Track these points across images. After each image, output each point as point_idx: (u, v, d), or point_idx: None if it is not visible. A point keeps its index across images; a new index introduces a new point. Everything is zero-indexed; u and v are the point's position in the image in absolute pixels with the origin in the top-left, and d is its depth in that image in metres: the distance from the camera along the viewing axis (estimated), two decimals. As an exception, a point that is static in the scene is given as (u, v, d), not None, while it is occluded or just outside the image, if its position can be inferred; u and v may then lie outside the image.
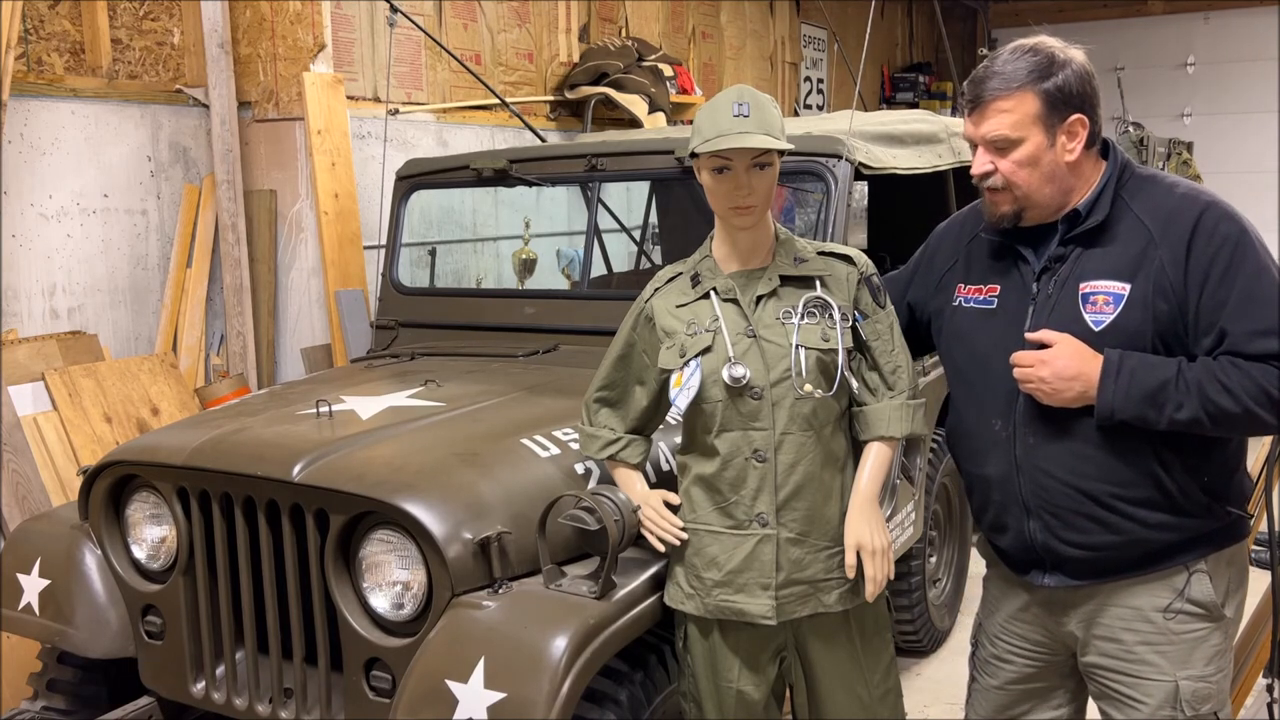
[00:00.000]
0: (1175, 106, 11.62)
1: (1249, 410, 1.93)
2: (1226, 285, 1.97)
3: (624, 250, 5.15)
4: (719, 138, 2.08)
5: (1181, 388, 1.95)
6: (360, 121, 4.74)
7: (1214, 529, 2.09)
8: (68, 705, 2.85)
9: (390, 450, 2.44)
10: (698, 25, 7.62)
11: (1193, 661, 2.10)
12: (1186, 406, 1.94)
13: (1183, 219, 2.02)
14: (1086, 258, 2.08)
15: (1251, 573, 3.04)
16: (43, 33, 4.06)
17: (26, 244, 3.93)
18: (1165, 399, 1.95)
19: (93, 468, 2.70)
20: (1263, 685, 2.86)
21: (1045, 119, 2.04)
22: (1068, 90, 2.04)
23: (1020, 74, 2.04)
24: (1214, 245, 1.98)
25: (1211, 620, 2.11)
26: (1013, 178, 2.06)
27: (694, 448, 2.26)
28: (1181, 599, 2.09)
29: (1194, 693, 2.10)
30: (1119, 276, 2.04)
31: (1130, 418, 1.98)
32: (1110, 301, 2.03)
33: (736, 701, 2.25)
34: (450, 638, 2.12)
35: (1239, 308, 1.96)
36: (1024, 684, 2.31)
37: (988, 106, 2.06)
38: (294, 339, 4.62)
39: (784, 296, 2.20)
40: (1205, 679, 2.10)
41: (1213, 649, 2.11)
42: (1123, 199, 2.09)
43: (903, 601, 3.88)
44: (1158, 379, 1.96)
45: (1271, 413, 1.93)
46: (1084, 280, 2.06)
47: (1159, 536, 2.06)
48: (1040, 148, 2.05)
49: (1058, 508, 2.10)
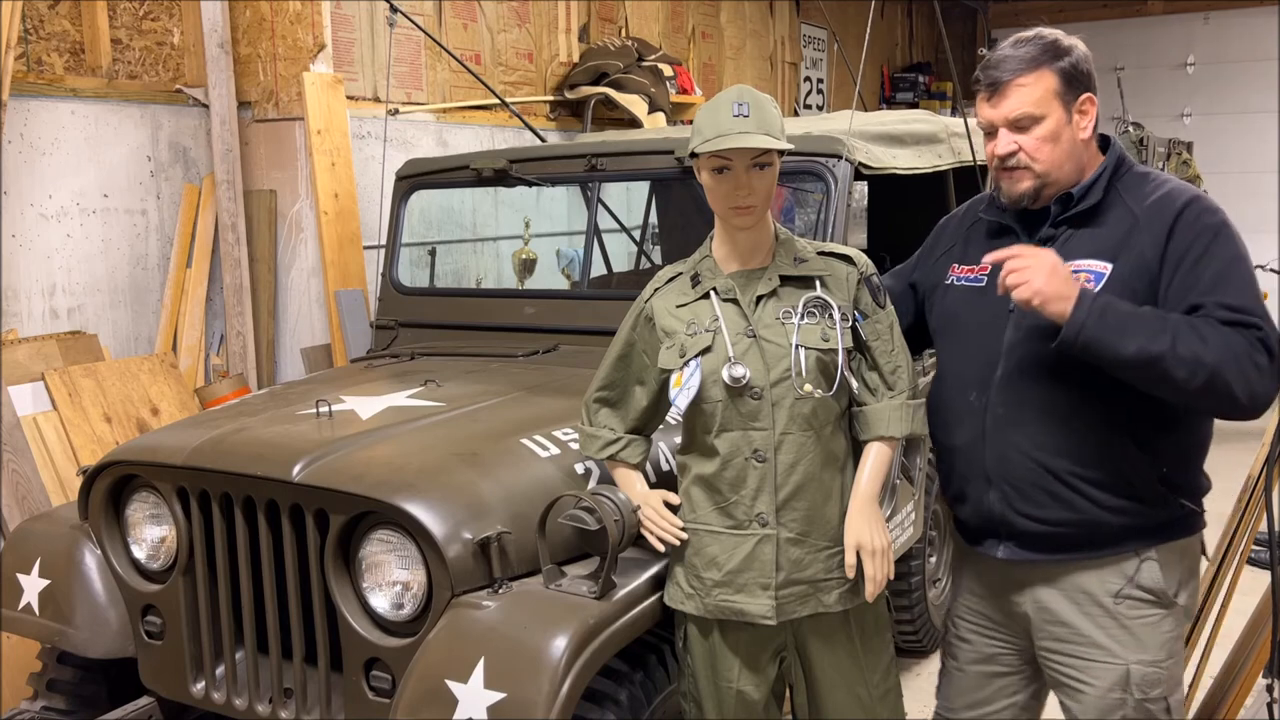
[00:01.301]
0: (1175, 106, 11.62)
1: (1219, 364, 1.91)
2: (1201, 267, 2.01)
3: (624, 250, 5.15)
4: (719, 138, 2.08)
5: (1156, 324, 1.95)
6: (360, 121, 4.74)
7: (1167, 519, 2.13)
8: (68, 705, 2.85)
9: (390, 450, 2.44)
10: (698, 25, 7.62)
11: (1145, 646, 2.14)
12: (1159, 341, 1.92)
13: (1168, 208, 2.08)
14: (1076, 239, 2.14)
15: (1251, 572, 3.04)
16: (43, 33, 4.06)
17: (26, 244, 3.93)
18: (1137, 328, 1.94)
19: (93, 468, 2.70)
20: (1263, 685, 2.86)
21: (1063, 95, 2.10)
22: (1080, 69, 2.12)
23: (1035, 53, 2.10)
24: (1194, 231, 2.04)
25: (1163, 606, 2.15)
26: (1036, 154, 2.10)
27: (694, 448, 2.25)
28: (1131, 584, 2.14)
29: (1144, 677, 2.14)
30: (1102, 256, 2.10)
31: (1095, 339, 1.95)
32: (1092, 279, 2.08)
33: (736, 701, 2.25)
34: (450, 638, 2.12)
35: (1211, 286, 2.00)
36: (984, 665, 2.36)
37: (1008, 86, 2.11)
38: (294, 339, 4.61)
39: (784, 296, 2.20)
40: (1157, 664, 2.14)
41: (1165, 635, 2.15)
42: (1116, 189, 2.15)
43: (903, 601, 3.88)
44: (1132, 311, 1.98)
45: (1235, 375, 1.92)
46: (1070, 259, 2.10)
47: (1113, 520, 2.11)
48: (1061, 123, 2.11)
49: (1017, 479, 2.14)
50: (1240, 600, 2.91)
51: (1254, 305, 1.99)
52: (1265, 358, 1.95)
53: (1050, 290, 1.97)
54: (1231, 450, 4.83)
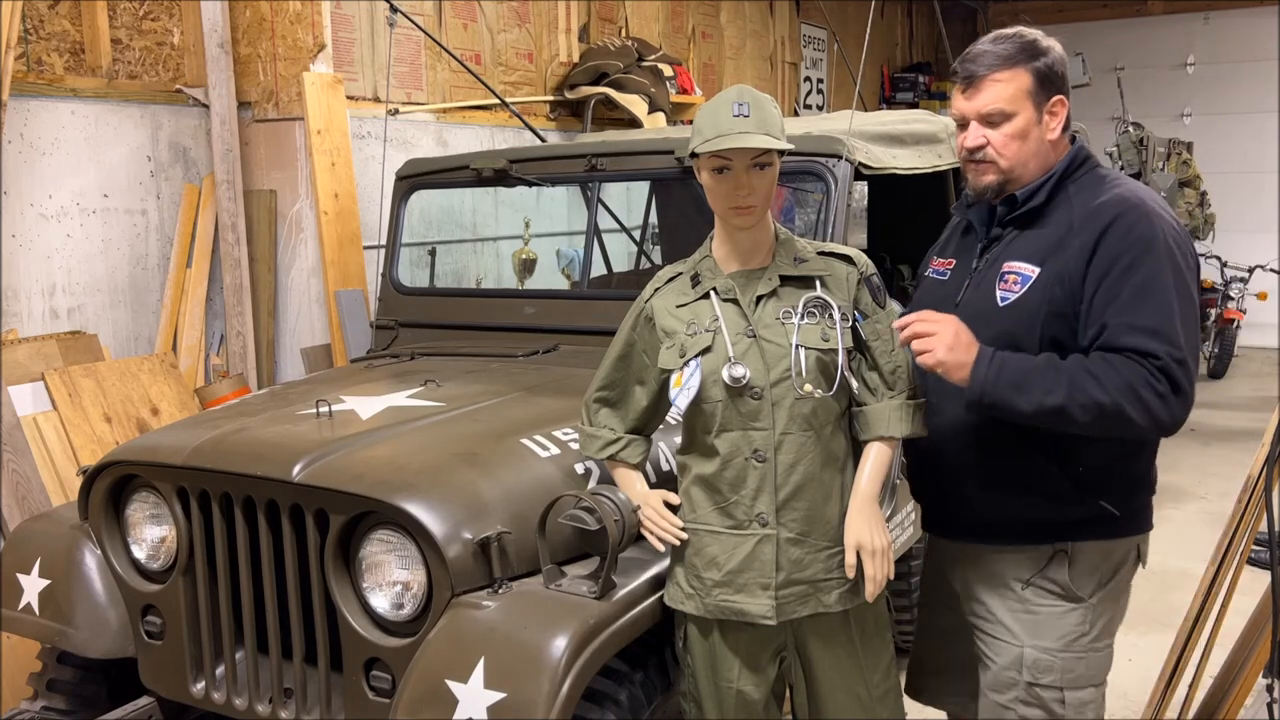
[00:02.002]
0: (1175, 106, 11.63)
1: (1116, 404, 1.97)
2: (1122, 281, 2.03)
3: (624, 250, 5.15)
4: (719, 138, 2.08)
5: (1051, 375, 2.01)
6: (360, 121, 4.75)
7: (1085, 517, 2.18)
8: (68, 705, 2.85)
9: (390, 450, 2.44)
10: (698, 25, 7.62)
11: (1043, 634, 2.21)
12: (1055, 393, 2.00)
13: (1102, 216, 2.09)
14: (1018, 240, 2.20)
15: (1251, 572, 3.05)
16: (43, 33, 4.07)
17: (26, 244, 3.93)
18: (1033, 384, 2.01)
19: (93, 468, 2.70)
20: (1263, 685, 2.86)
21: (1035, 95, 2.15)
22: (1054, 71, 2.16)
23: (1012, 52, 2.14)
24: (1123, 244, 2.05)
25: (1069, 600, 2.21)
26: (1004, 150, 2.16)
27: (694, 448, 2.25)
28: (1041, 575, 2.21)
29: (1035, 662, 2.21)
30: (1032, 260, 2.14)
31: (998, 400, 2.04)
32: (1019, 282, 2.14)
33: (736, 701, 2.25)
34: (450, 638, 2.12)
35: (1126, 303, 2.02)
36: (935, 633, 2.50)
37: (983, 81, 2.15)
38: (294, 339, 4.62)
39: (784, 296, 2.20)
40: (1050, 652, 2.21)
41: (1068, 627, 2.21)
42: (1066, 190, 2.18)
43: (903, 601, 3.88)
44: (1027, 366, 2.04)
45: (1136, 409, 1.97)
46: (1006, 260, 2.18)
47: (1025, 514, 2.19)
48: (1030, 122, 2.15)
49: (947, 466, 2.26)
50: (1240, 600, 2.91)
51: (1164, 326, 2.00)
52: (1165, 384, 1.98)
53: (951, 360, 2.06)
54: (1231, 450, 4.82)
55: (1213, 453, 7.00)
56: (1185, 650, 2.80)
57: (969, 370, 2.05)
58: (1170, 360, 1.98)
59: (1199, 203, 9.75)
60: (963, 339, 2.07)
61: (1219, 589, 2.82)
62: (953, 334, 2.07)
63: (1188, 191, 9.67)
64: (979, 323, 2.13)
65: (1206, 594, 2.79)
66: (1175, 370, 1.98)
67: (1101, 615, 2.24)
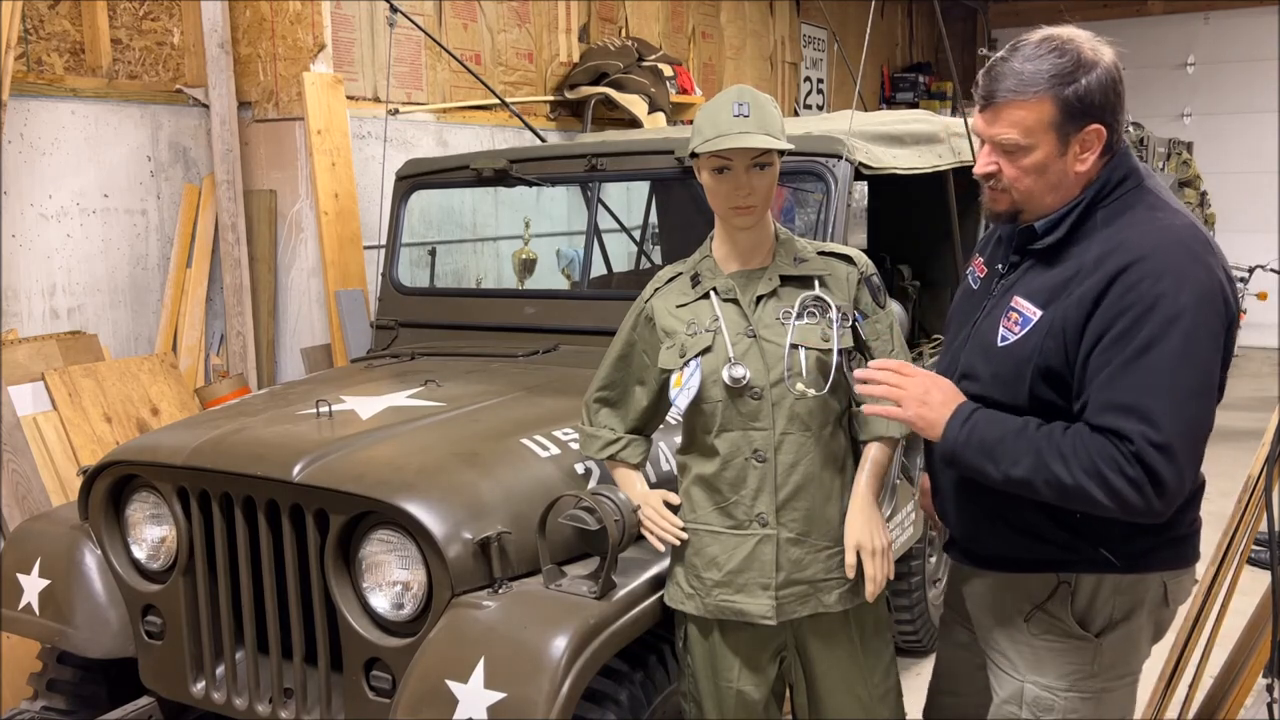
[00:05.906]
0: (1175, 106, 11.64)
1: (1079, 483, 1.80)
2: (1116, 349, 1.82)
3: (624, 250, 5.15)
4: (719, 138, 2.08)
5: (1021, 446, 1.86)
6: (360, 121, 4.75)
7: (1087, 556, 2.00)
8: (68, 705, 2.85)
9: (390, 450, 2.44)
10: (698, 25, 7.62)
11: (1044, 670, 2.06)
12: (1021, 465, 1.85)
13: (1114, 260, 1.86)
14: (1031, 273, 2.00)
15: (1251, 572, 3.04)
16: (43, 33, 4.06)
17: (26, 244, 3.93)
18: (1001, 453, 1.87)
19: (93, 468, 2.70)
20: (1263, 685, 2.86)
21: (1060, 127, 1.89)
22: (1089, 100, 1.88)
23: (1040, 77, 1.87)
24: (1125, 302, 1.82)
25: (1071, 637, 2.03)
26: (1016, 184, 1.94)
27: (694, 448, 2.25)
28: (1041, 609, 2.04)
29: (1037, 699, 2.06)
30: (1036, 299, 1.94)
31: (967, 465, 1.93)
32: (1019, 322, 1.95)
33: (736, 701, 2.25)
34: (450, 638, 2.12)
35: (1114, 373, 1.82)
36: (954, 648, 2.37)
37: (1001, 108, 1.91)
38: (294, 339, 4.62)
39: (784, 296, 2.20)
40: (1052, 690, 2.05)
41: (1070, 665, 2.04)
42: (1094, 219, 1.94)
43: (903, 601, 3.88)
44: (998, 433, 1.89)
45: (1103, 492, 1.79)
46: (1016, 293, 1.99)
47: (1030, 552, 2.04)
48: (1050, 156, 1.91)
49: (952, 493, 2.14)
50: (1240, 600, 2.91)
51: (1145, 405, 1.78)
52: (1137, 469, 1.77)
53: (920, 419, 1.95)
54: (1231, 450, 4.83)
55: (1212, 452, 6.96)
56: (1185, 650, 2.80)
57: (941, 430, 1.93)
58: (1145, 444, 1.76)
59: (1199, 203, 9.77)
60: (934, 396, 1.94)
61: (1219, 589, 2.82)
62: (923, 390, 1.95)
63: (1188, 191, 9.69)
64: (980, 357, 2.00)
65: (1206, 594, 2.79)
66: (1151, 457, 1.76)
67: (1113, 656, 2.04)
